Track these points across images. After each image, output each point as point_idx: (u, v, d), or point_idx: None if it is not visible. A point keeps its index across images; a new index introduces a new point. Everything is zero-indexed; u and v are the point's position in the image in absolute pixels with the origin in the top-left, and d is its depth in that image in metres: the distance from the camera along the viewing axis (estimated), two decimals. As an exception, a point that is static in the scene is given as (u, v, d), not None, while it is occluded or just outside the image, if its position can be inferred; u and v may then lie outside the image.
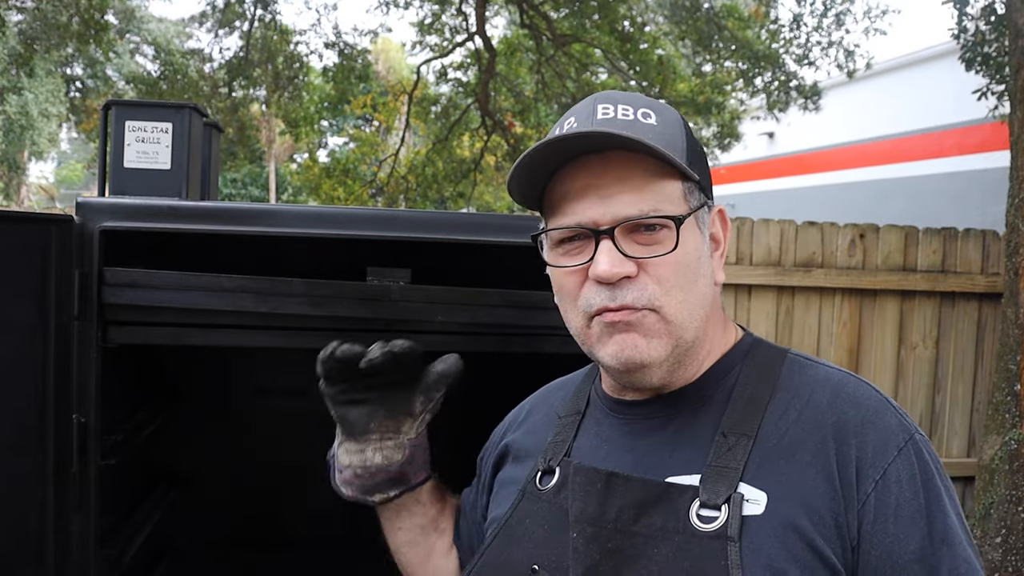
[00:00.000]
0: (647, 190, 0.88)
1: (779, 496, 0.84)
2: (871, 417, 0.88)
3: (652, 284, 0.88)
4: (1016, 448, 4.08)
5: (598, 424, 1.02)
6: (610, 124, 0.90)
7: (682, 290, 0.89)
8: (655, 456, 0.93)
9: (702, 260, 0.92)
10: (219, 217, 1.48)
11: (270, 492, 2.48)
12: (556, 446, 1.02)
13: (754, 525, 0.84)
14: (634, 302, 0.88)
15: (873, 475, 0.84)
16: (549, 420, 1.09)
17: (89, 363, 1.44)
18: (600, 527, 0.89)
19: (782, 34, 9.48)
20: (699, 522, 0.85)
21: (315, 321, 1.54)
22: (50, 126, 20.09)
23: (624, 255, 0.88)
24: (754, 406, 0.91)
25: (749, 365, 0.96)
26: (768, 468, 0.86)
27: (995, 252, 4.60)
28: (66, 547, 1.44)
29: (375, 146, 17.49)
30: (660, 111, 0.94)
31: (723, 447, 0.88)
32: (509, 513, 1.01)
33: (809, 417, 0.89)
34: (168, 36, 17.32)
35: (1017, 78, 4.34)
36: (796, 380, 0.93)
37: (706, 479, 0.87)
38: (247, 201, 13.19)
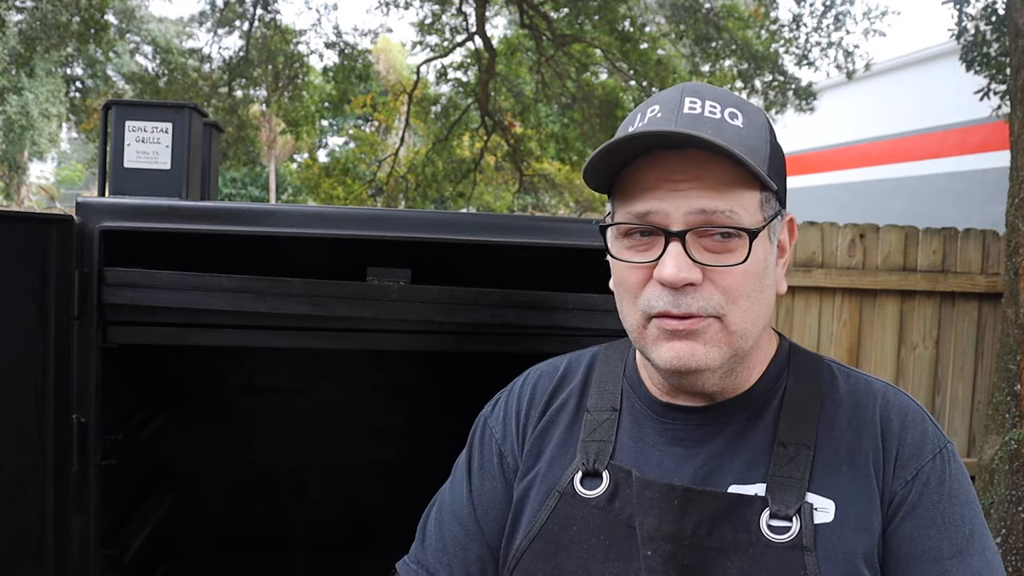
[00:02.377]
0: (725, 193, 0.85)
1: (845, 504, 0.87)
2: (910, 423, 0.91)
3: (717, 293, 0.86)
4: (1016, 448, 4.08)
5: (640, 426, 0.98)
6: (696, 121, 0.86)
7: (748, 300, 0.87)
8: (714, 465, 0.91)
9: (769, 270, 0.90)
10: (219, 217, 1.48)
11: (270, 492, 2.48)
12: (597, 446, 0.97)
13: (827, 532, 0.85)
14: (699, 311, 0.86)
15: (905, 475, 0.88)
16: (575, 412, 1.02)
17: (89, 363, 1.44)
18: (677, 544, 0.88)
19: (781, 34, 9.48)
20: (771, 533, 0.86)
21: (315, 321, 1.54)
22: (50, 126, 20.08)
23: (692, 260, 0.85)
24: (807, 415, 0.92)
25: (794, 373, 0.96)
26: (831, 477, 0.88)
27: (995, 252, 4.60)
28: (66, 547, 1.44)
29: (375, 146, 17.49)
30: (748, 112, 0.91)
31: (784, 457, 0.89)
32: (547, 516, 0.96)
33: (858, 424, 0.91)
34: (168, 36, 17.31)
35: (1017, 78, 4.34)
36: (840, 388, 0.95)
37: (772, 489, 0.87)
38: (247, 201, 13.18)
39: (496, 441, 1.09)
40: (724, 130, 0.86)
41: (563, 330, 1.61)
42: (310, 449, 2.45)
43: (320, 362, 2.47)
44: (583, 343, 1.63)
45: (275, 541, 2.49)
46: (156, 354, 2.25)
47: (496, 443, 1.09)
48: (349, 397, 2.48)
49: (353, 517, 2.48)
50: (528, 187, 12.80)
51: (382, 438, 2.48)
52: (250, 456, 2.44)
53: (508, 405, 1.11)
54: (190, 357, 2.37)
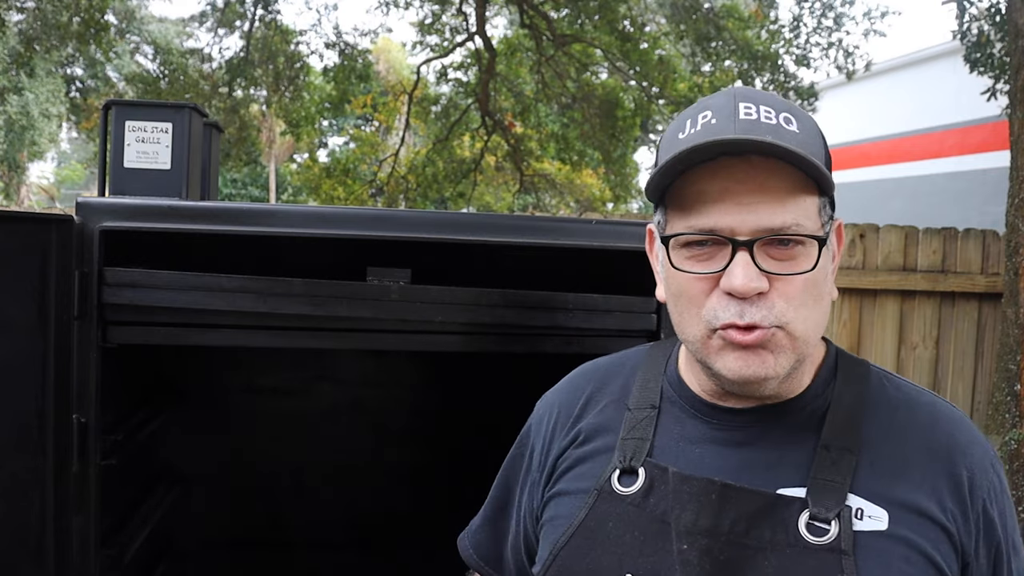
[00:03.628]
0: (788, 202, 0.85)
1: (900, 514, 0.86)
2: (971, 438, 0.92)
3: (780, 301, 0.85)
4: (1016, 448, 4.08)
5: (681, 424, 0.97)
6: (754, 127, 0.85)
7: (808, 308, 0.87)
8: (758, 467, 0.91)
9: (828, 276, 0.91)
10: (219, 217, 1.48)
11: (270, 492, 2.48)
12: (635, 444, 0.97)
13: (876, 540, 0.85)
14: (762, 320, 0.85)
15: (982, 494, 0.89)
16: (617, 412, 1.02)
17: (89, 363, 1.44)
18: (714, 538, 0.88)
19: (782, 35, 9.48)
20: (809, 534, 0.85)
21: (315, 321, 1.54)
22: (50, 126, 20.07)
23: (760, 269, 0.85)
24: (853, 420, 0.91)
25: (842, 378, 0.95)
26: (886, 485, 0.88)
27: (995, 252, 4.60)
28: (66, 547, 1.44)
29: (375, 146, 17.49)
30: (800, 117, 0.90)
31: (826, 460, 0.89)
32: (585, 513, 0.96)
33: (917, 436, 0.91)
34: (168, 36, 17.31)
35: (1017, 78, 4.34)
36: (889, 396, 0.95)
37: (812, 492, 0.87)
38: (247, 201, 13.18)
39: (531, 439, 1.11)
40: (783, 135, 0.85)
41: (563, 330, 1.62)
42: (310, 449, 2.45)
43: (320, 362, 2.47)
44: (583, 343, 1.64)
45: (275, 541, 2.49)
46: (156, 354, 2.25)
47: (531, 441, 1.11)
48: (349, 397, 2.48)
49: (353, 517, 2.48)
50: (528, 187, 12.79)
51: (382, 438, 2.48)
52: (250, 456, 2.44)
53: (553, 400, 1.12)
54: (190, 357, 2.37)
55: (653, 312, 1.61)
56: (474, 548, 1.17)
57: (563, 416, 1.07)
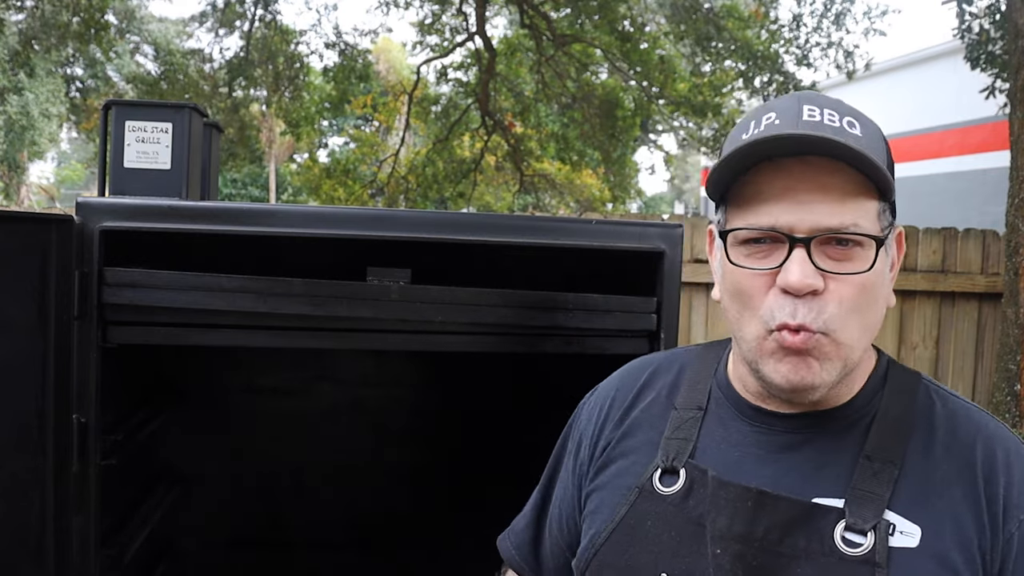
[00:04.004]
0: (848, 203, 0.85)
1: (934, 532, 0.85)
2: (1015, 456, 0.90)
3: (832, 304, 0.85)
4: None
5: (724, 427, 0.97)
6: (818, 128, 0.86)
7: (860, 313, 0.87)
8: (798, 474, 0.90)
9: (884, 282, 0.90)
10: (219, 217, 1.48)
11: (270, 492, 2.48)
12: (678, 444, 0.97)
13: (908, 558, 0.84)
14: (811, 323, 0.85)
15: (1018, 514, 0.86)
16: (663, 410, 1.03)
17: (89, 363, 1.44)
18: (747, 545, 0.88)
19: (781, 34, 9.48)
20: (844, 545, 0.85)
21: (315, 321, 1.54)
22: (50, 126, 20.07)
23: (816, 267, 0.84)
24: (898, 433, 0.90)
25: (890, 389, 0.94)
26: (922, 503, 0.87)
27: (995, 252, 4.60)
28: (66, 547, 1.44)
29: (375, 146, 17.49)
30: (864, 122, 0.90)
31: (868, 471, 0.88)
32: (626, 510, 0.97)
33: (957, 453, 0.89)
34: (168, 36, 17.31)
35: (1017, 78, 4.34)
36: (937, 410, 0.93)
37: (851, 502, 0.86)
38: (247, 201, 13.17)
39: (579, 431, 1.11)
40: (846, 138, 0.85)
41: (563, 330, 1.61)
42: (310, 449, 2.45)
43: (320, 362, 2.47)
44: (583, 343, 1.64)
45: (275, 541, 2.49)
46: (156, 354, 2.25)
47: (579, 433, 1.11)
48: (349, 397, 2.48)
49: (353, 517, 2.48)
50: (528, 187, 12.80)
51: (382, 438, 2.48)
52: (250, 456, 2.44)
53: (599, 396, 1.13)
54: (190, 357, 2.37)
55: (653, 312, 1.61)
56: (516, 548, 1.17)
57: (615, 408, 1.07)
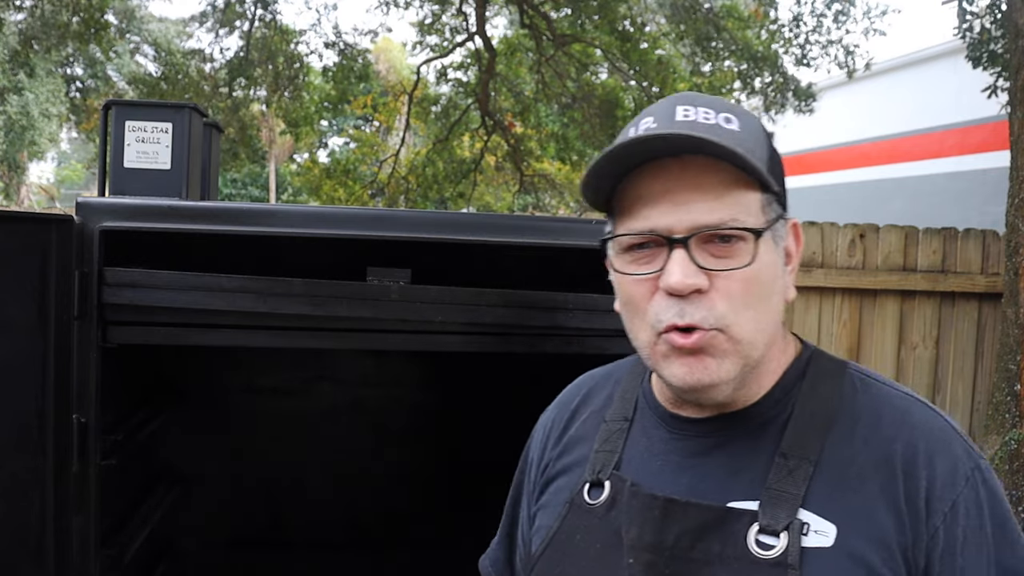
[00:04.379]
0: (726, 198, 0.84)
1: (849, 530, 0.83)
2: (939, 448, 0.86)
3: (722, 301, 0.84)
4: (1016, 448, 4.08)
5: (648, 436, 0.97)
6: (691, 127, 0.85)
7: (752, 308, 0.85)
8: (714, 478, 0.89)
9: (776, 276, 0.88)
10: (219, 217, 1.48)
11: (270, 492, 2.48)
12: (604, 456, 0.98)
13: (822, 557, 0.82)
14: (702, 321, 0.83)
15: (942, 508, 0.83)
16: (597, 424, 1.03)
17: (89, 363, 1.44)
18: (657, 554, 0.87)
19: (781, 34, 9.48)
20: (757, 548, 0.83)
21: (315, 321, 1.54)
22: (50, 126, 20.06)
23: (698, 266, 0.83)
24: (815, 428, 0.88)
25: (809, 382, 0.92)
26: (837, 499, 0.84)
27: (995, 252, 4.60)
28: (66, 547, 1.44)
29: (375, 146, 17.49)
30: (743, 117, 0.89)
31: (783, 470, 0.86)
32: (558, 525, 0.98)
33: (876, 446, 0.86)
34: (168, 36, 17.30)
35: (1017, 78, 4.34)
36: (860, 401, 0.90)
37: (765, 503, 0.85)
38: (247, 201, 13.17)
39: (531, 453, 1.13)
40: (721, 134, 0.85)
41: (563, 330, 1.61)
42: (310, 449, 2.45)
43: (320, 362, 2.47)
44: (583, 343, 1.64)
45: (275, 541, 2.49)
46: (156, 354, 2.25)
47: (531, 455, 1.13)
48: (349, 397, 2.48)
49: (353, 517, 2.48)
50: (528, 187, 12.79)
51: (382, 438, 2.48)
52: (250, 456, 2.44)
53: (546, 416, 1.14)
54: (190, 357, 2.37)
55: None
56: (493, 566, 1.18)
57: (555, 429, 1.09)
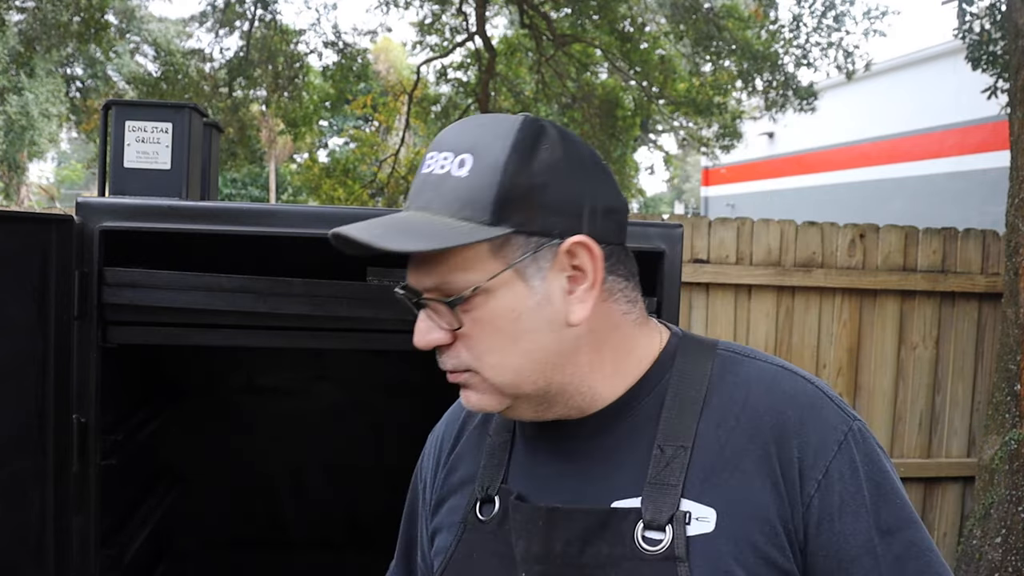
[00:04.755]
0: (431, 262, 0.84)
1: (728, 511, 0.83)
2: (809, 414, 0.85)
3: (464, 351, 0.86)
4: (1016, 448, 4.08)
5: (529, 447, 0.96)
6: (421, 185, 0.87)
7: (494, 353, 0.85)
8: (598, 478, 0.89)
9: (524, 316, 0.84)
10: (219, 217, 1.48)
11: (270, 492, 2.48)
12: (491, 471, 0.97)
13: (706, 544, 0.82)
14: (454, 367, 0.87)
15: (815, 475, 0.83)
16: (480, 438, 1.02)
17: (89, 363, 1.44)
18: (547, 564, 0.87)
19: (781, 34, 9.48)
20: (645, 544, 0.83)
21: (315, 321, 1.54)
22: (50, 126, 20.07)
23: (437, 325, 0.86)
24: (688, 413, 0.87)
25: (678, 369, 0.91)
26: (713, 482, 0.84)
27: (995, 252, 4.60)
28: (66, 547, 1.44)
29: (375, 146, 17.49)
30: (483, 151, 0.84)
31: (661, 462, 0.85)
32: (454, 546, 0.97)
33: (747, 421, 0.86)
34: (168, 36, 17.30)
35: (1017, 78, 4.34)
36: (729, 380, 0.89)
37: (647, 498, 0.84)
38: (247, 201, 13.16)
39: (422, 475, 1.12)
40: (444, 186, 0.84)
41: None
42: (310, 449, 2.45)
43: (320, 362, 2.47)
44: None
45: (275, 541, 2.49)
46: (156, 354, 2.25)
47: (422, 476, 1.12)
48: (349, 397, 2.48)
49: (353, 517, 2.48)
50: (528, 187, 12.77)
51: (382, 438, 2.48)
52: (250, 456, 2.44)
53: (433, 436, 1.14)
54: (190, 357, 2.37)
55: (653, 312, 1.61)
56: None
57: (445, 446, 1.08)
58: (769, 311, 4.42)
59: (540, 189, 0.84)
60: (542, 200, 0.84)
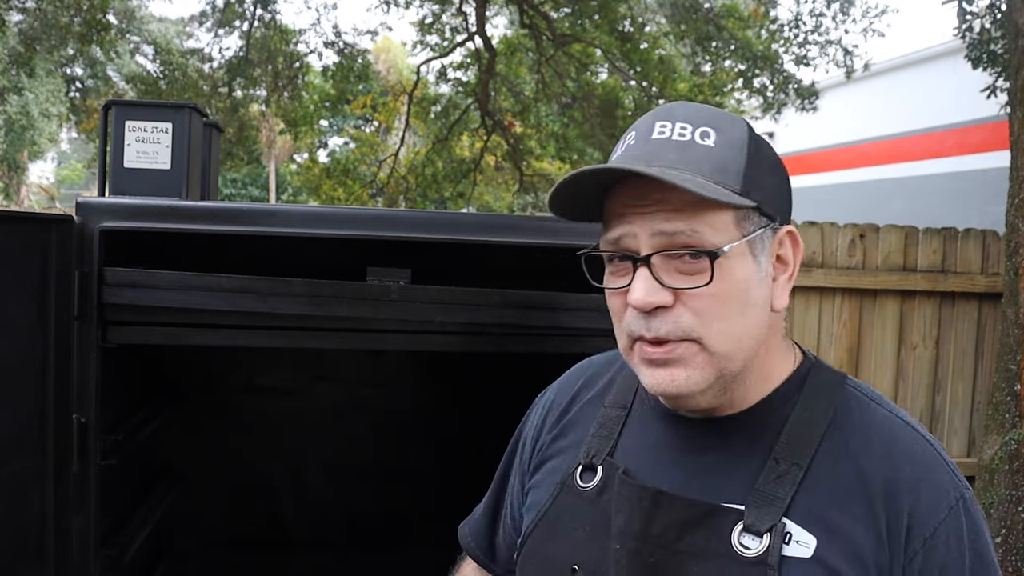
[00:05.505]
0: (686, 214, 0.85)
1: (829, 544, 0.84)
2: (925, 475, 0.87)
3: (688, 315, 0.86)
4: (1016, 448, 4.08)
5: (644, 428, 0.99)
6: (662, 146, 0.88)
7: (723, 321, 0.86)
8: (706, 477, 0.91)
9: (751, 288, 0.88)
10: (219, 217, 1.48)
11: (270, 492, 2.48)
12: (600, 442, 1.00)
13: (800, 567, 0.84)
14: (669, 334, 0.86)
15: (923, 533, 0.85)
16: (594, 409, 1.06)
17: (89, 363, 1.44)
18: (643, 542, 0.90)
19: (781, 34, 9.48)
20: (741, 547, 0.85)
21: (315, 321, 1.54)
22: (50, 126, 20.06)
23: (661, 284, 0.86)
24: (809, 438, 0.90)
25: (807, 392, 0.93)
26: (819, 513, 0.86)
27: (995, 252, 4.60)
28: (66, 547, 1.44)
29: (375, 146, 17.49)
30: (724, 129, 0.90)
31: (773, 473, 0.88)
32: (548, 505, 1.01)
33: (865, 465, 0.88)
34: (168, 36, 17.29)
35: (1017, 78, 4.34)
36: (854, 419, 0.92)
37: (751, 504, 0.87)
38: (247, 201, 13.16)
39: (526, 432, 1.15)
40: (691, 151, 0.87)
41: (563, 330, 1.62)
42: (310, 449, 2.45)
43: (320, 362, 2.47)
44: (583, 343, 1.63)
45: (275, 541, 2.49)
46: (156, 354, 2.25)
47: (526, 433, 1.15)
48: (349, 397, 2.48)
49: (353, 517, 2.48)
50: (528, 187, 12.78)
51: (382, 438, 2.48)
52: (250, 456, 2.44)
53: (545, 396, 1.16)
54: (190, 357, 2.37)
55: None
56: (472, 536, 1.22)
57: (554, 411, 1.11)
58: (769, 311, 4.42)
59: (770, 175, 0.91)
60: (771, 185, 0.91)
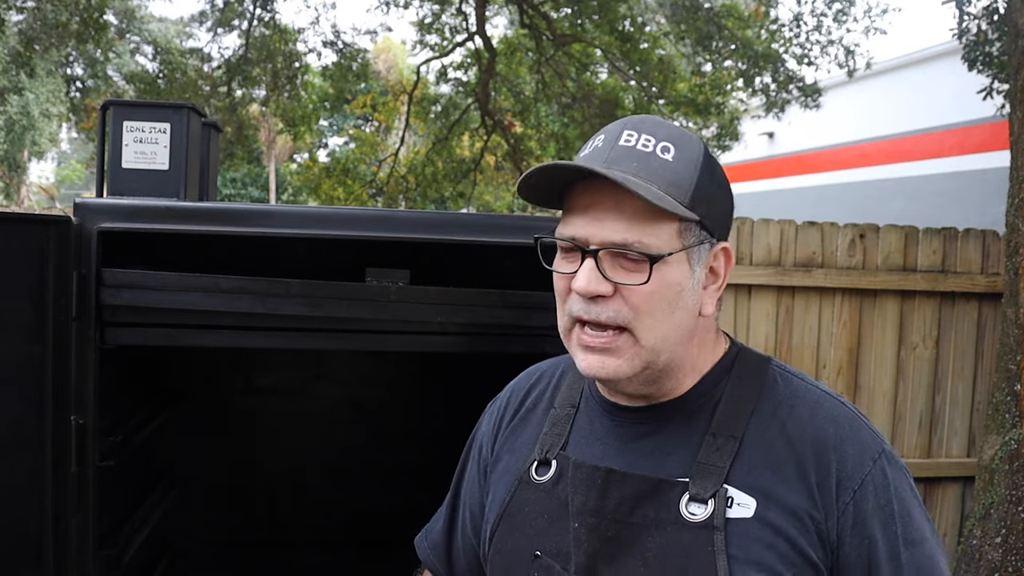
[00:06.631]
0: (636, 223, 0.94)
1: (766, 503, 0.95)
2: (848, 434, 0.98)
3: (625, 308, 0.96)
4: (1016, 448, 4.08)
5: (591, 422, 1.09)
6: (626, 154, 0.96)
7: (653, 317, 0.96)
8: (650, 458, 1.01)
9: (684, 293, 0.98)
10: (218, 217, 1.48)
11: (270, 492, 2.48)
12: (552, 439, 1.10)
13: (743, 527, 0.94)
14: (607, 320, 0.96)
15: (852, 486, 0.95)
16: (544, 409, 1.15)
17: (87, 364, 1.44)
18: (600, 518, 0.99)
19: (782, 34, 9.47)
20: (689, 514, 0.95)
21: (314, 322, 1.54)
22: (50, 126, 20.06)
23: (603, 275, 0.95)
24: (741, 412, 1.00)
25: (736, 374, 1.04)
26: (756, 476, 0.96)
27: (995, 252, 4.59)
28: (65, 548, 1.44)
29: (375, 146, 17.48)
30: (683, 146, 0.99)
31: (712, 446, 0.98)
32: (508, 500, 1.09)
33: (792, 431, 0.99)
34: (168, 36, 17.28)
35: (1017, 78, 4.34)
36: (779, 391, 1.03)
37: (695, 475, 0.97)
38: (246, 201, 13.15)
39: (481, 436, 1.25)
40: (651, 162, 0.96)
41: (562, 331, 1.61)
42: (310, 449, 2.45)
43: (320, 362, 2.47)
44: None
45: (275, 541, 2.49)
46: (155, 355, 2.25)
47: (481, 437, 1.24)
48: (349, 397, 2.48)
49: (353, 517, 2.48)
50: (528, 187, 12.75)
51: (382, 438, 2.48)
52: (250, 456, 2.44)
53: (497, 401, 1.26)
54: (189, 358, 2.37)
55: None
56: (431, 548, 1.31)
57: (507, 413, 1.20)
58: (769, 311, 4.42)
59: (716, 195, 1.01)
60: (716, 204, 1.01)
